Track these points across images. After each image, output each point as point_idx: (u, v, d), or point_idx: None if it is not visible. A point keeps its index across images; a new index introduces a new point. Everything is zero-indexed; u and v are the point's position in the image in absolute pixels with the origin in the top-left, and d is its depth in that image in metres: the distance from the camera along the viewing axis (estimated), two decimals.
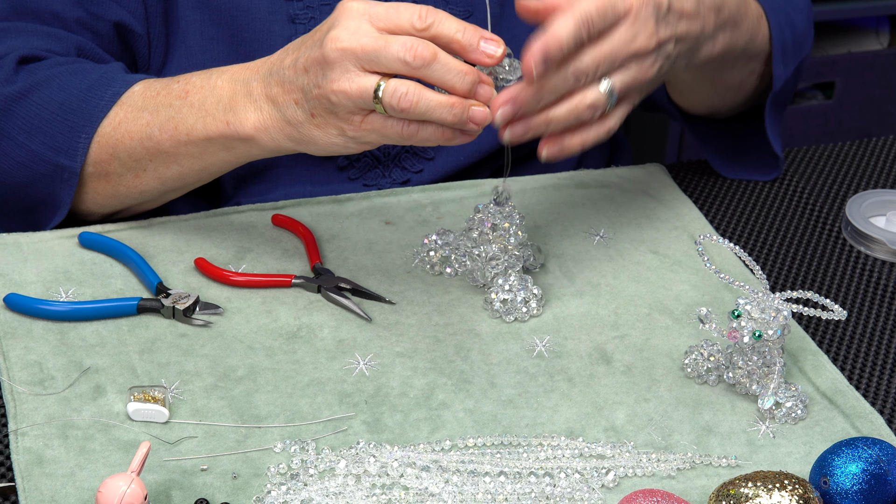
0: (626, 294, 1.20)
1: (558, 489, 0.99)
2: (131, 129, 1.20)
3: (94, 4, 1.27)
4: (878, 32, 2.64)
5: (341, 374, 1.10)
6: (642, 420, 1.06)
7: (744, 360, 1.07)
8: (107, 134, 1.21)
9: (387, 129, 1.06)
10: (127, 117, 1.20)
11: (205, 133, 1.16)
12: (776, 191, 1.39)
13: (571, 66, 1.05)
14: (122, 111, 1.20)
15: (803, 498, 0.94)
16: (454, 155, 1.37)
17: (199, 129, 1.16)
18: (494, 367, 1.11)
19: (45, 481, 0.98)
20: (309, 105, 1.08)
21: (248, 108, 1.13)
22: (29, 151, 1.22)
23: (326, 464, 1.00)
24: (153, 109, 1.19)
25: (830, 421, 1.07)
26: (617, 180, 1.37)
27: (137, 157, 1.21)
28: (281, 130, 1.12)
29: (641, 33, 1.08)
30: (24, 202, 1.25)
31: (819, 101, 2.60)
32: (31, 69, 1.24)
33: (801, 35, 1.36)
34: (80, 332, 1.12)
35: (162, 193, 1.24)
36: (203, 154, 1.18)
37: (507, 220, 1.16)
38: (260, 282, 1.19)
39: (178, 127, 1.17)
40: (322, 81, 1.06)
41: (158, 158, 1.20)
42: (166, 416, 1.04)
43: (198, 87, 1.17)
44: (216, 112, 1.15)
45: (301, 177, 1.35)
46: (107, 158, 1.22)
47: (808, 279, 1.26)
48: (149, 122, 1.19)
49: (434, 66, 1.03)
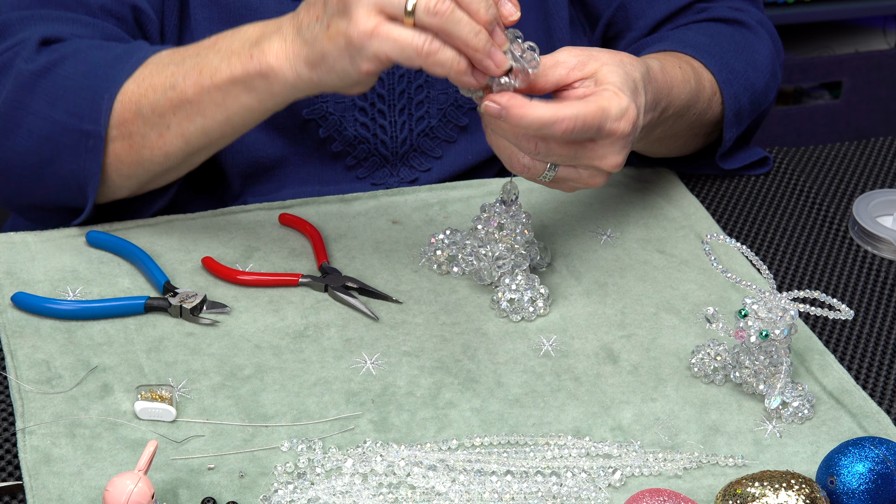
0: (632, 293, 1.20)
1: (565, 488, 0.99)
2: (155, 83, 1.18)
3: None
4: (886, 32, 2.64)
5: (348, 373, 1.10)
6: (649, 419, 1.06)
7: (751, 360, 1.07)
8: (130, 91, 1.19)
9: (406, 39, 1.03)
10: (151, 72, 1.18)
11: (229, 72, 1.14)
12: (783, 190, 1.39)
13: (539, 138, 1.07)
14: (146, 69, 1.19)
15: (810, 497, 0.94)
16: (462, 154, 1.38)
17: (224, 69, 1.14)
18: (501, 367, 1.11)
19: (52, 480, 0.98)
20: (327, 15, 1.06)
21: (273, 39, 1.11)
22: (53, 122, 1.20)
23: (333, 463, 1.01)
24: (179, 62, 1.18)
25: (837, 420, 1.07)
26: (624, 180, 1.37)
27: (161, 110, 1.18)
28: (299, 54, 1.09)
29: (611, 156, 1.09)
30: (54, 186, 1.23)
31: (826, 101, 2.59)
32: (54, 48, 1.22)
33: (760, 94, 1.38)
34: (87, 330, 1.12)
35: (187, 155, 1.21)
36: (226, 100, 1.15)
37: (513, 219, 1.16)
38: (267, 281, 1.19)
39: (202, 71, 1.15)
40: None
41: (182, 110, 1.18)
42: (173, 415, 1.04)
43: (227, 35, 1.16)
44: (242, 50, 1.13)
45: (309, 176, 1.36)
46: (130, 118, 1.19)
47: (814, 279, 1.26)
48: (173, 73, 1.17)
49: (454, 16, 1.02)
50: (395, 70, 1.33)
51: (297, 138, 1.34)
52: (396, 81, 1.34)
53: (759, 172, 1.41)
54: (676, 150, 1.37)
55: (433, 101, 1.35)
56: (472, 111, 1.36)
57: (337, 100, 1.32)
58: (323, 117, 1.33)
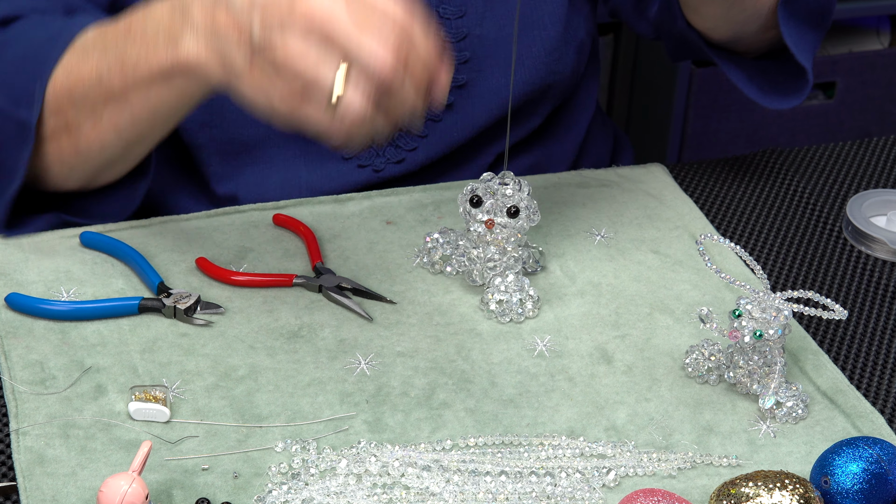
0: (626, 293, 1.20)
1: (559, 489, 0.99)
2: (83, 73, 1.14)
3: None
4: (879, 32, 2.64)
5: (342, 373, 1.10)
6: (643, 419, 1.06)
7: (744, 360, 1.08)
8: (60, 80, 1.15)
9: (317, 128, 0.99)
10: (78, 61, 1.15)
11: (148, 67, 1.09)
12: (777, 190, 1.40)
13: None
14: (73, 56, 1.15)
15: (804, 497, 0.94)
16: (448, 132, 1.37)
17: (143, 65, 1.09)
18: (495, 367, 1.11)
19: (46, 481, 0.98)
20: (251, 53, 0.99)
21: (185, 33, 1.05)
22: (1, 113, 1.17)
23: (327, 463, 1.01)
24: (102, 49, 1.14)
25: (831, 420, 1.07)
26: (618, 180, 1.37)
27: (92, 101, 1.15)
28: (215, 66, 1.03)
29: None
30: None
31: (820, 101, 2.60)
32: (8, 28, 1.20)
33: None
34: (81, 331, 1.12)
35: (123, 149, 1.18)
36: (149, 93, 1.11)
37: None
38: (261, 281, 1.19)
39: (124, 65, 1.11)
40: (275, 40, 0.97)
41: (111, 102, 1.14)
42: (167, 416, 1.04)
43: (139, 18, 1.10)
44: (156, 42, 1.08)
45: (294, 155, 1.35)
46: (65, 105, 1.16)
47: (808, 279, 1.26)
48: (97, 64, 1.13)
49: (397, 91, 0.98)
50: None
51: None
52: None
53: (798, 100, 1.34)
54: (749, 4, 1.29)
55: None
56: (458, 89, 1.35)
57: None
58: None
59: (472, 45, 1.35)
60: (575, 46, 1.40)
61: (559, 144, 1.46)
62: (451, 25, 1.34)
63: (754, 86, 1.35)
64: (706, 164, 1.44)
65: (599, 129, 1.53)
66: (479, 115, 1.37)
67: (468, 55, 1.35)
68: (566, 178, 1.36)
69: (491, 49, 1.35)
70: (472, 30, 1.34)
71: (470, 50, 1.35)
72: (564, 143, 1.46)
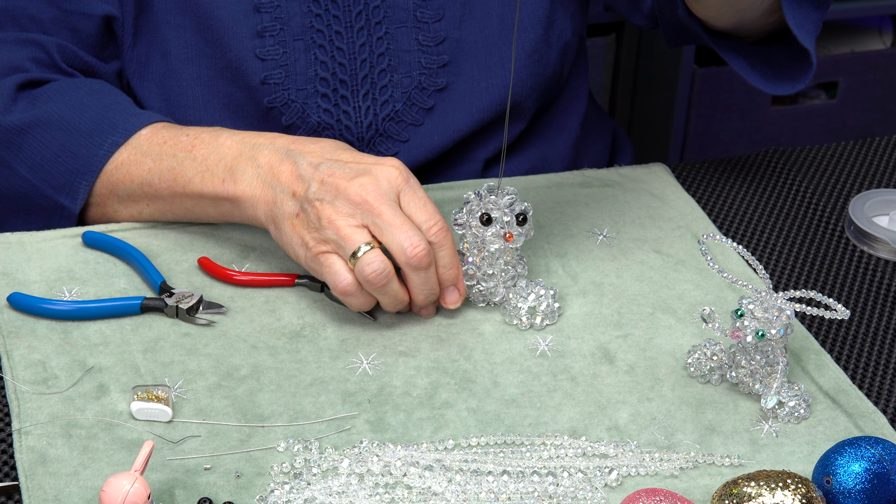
0: (629, 293, 1.20)
1: (561, 488, 0.99)
2: (132, 172, 1.23)
3: (66, 1, 1.29)
4: (882, 32, 2.64)
5: (344, 373, 1.10)
6: (645, 419, 1.06)
7: (747, 360, 1.07)
8: (108, 172, 1.24)
9: (334, 275, 1.11)
10: (130, 159, 1.23)
11: (200, 188, 1.19)
12: (779, 190, 1.40)
13: None
14: (126, 152, 1.23)
15: (806, 497, 0.94)
16: (430, 136, 1.37)
17: (196, 184, 1.19)
18: (497, 367, 1.11)
19: (48, 480, 0.98)
20: (301, 206, 1.13)
21: (247, 171, 1.17)
22: (31, 186, 1.25)
23: (330, 463, 1.01)
24: (157, 157, 1.22)
25: (833, 420, 1.07)
26: (620, 180, 1.37)
27: (135, 198, 1.24)
28: (264, 205, 1.15)
29: None
30: (22, 216, 1.29)
31: (822, 101, 2.59)
32: (32, 97, 1.26)
33: None
34: (83, 331, 1.12)
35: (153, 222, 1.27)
36: (195, 206, 1.22)
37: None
38: (263, 281, 1.19)
39: (177, 178, 1.21)
40: (327, 203, 1.11)
41: (154, 202, 1.24)
42: (170, 416, 1.04)
43: (205, 142, 1.21)
44: (216, 169, 1.19)
45: None
46: (106, 194, 1.25)
47: (811, 279, 1.26)
48: (150, 169, 1.22)
49: (420, 273, 1.11)
50: (356, 55, 1.33)
51: (260, 126, 1.34)
52: (359, 66, 1.34)
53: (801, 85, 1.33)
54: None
55: (397, 85, 1.35)
56: (438, 93, 1.35)
57: (299, 87, 1.32)
58: (285, 105, 1.33)
59: (451, 48, 1.35)
60: (558, 49, 1.40)
61: (552, 146, 1.46)
62: (429, 29, 1.34)
63: (756, 72, 1.34)
64: (708, 164, 1.44)
65: (595, 129, 1.53)
66: (461, 119, 1.37)
67: (447, 59, 1.35)
68: (568, 178, 1.36)
69: (470, 52, 1.36)
70: (451, 33, 1.35)
71: (448, 53, 1.35)
72: (557, 145, 1.46)
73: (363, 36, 1.33)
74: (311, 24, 1.31)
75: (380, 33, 1.33)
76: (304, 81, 1.32)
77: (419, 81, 1.35)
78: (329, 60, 1.32)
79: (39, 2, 1.29)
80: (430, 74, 1.35)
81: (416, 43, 1.34)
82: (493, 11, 1.36)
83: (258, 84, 1.31)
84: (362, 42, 1.33)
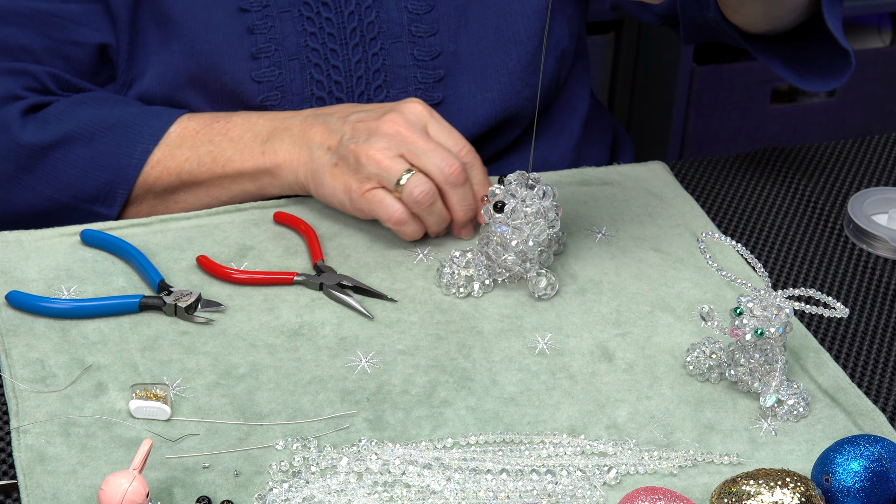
0: (628, 291, 1.20)
1: (560, 487, 0.99)
2: (169, 166, 1.27)
3: (57, 30, 1.30)
4: (881, 30, 2.64)
5: (343, 371, 1.10)
6: (644, 418, 1.06)
7: (746, 358, 1.07)
8: (145, 173, 1.28)
9: (386, 207, 1.19)
10: (165, 156, 1.27)
11: (241, 165, 1.26)
12: (778, 188, 1.39)
13: None
14: (159, 151, 1.27)
15: (805, 495, 0.94)
16: None
17: (237, 161, 1.26)
18: (496, 365, 1.11)
19: (46, 479, 0.98)
20: (338, 154, 1.21)
21: (283, 139, 1.25)
22: (60, 204, 1.28)
23: (328, 461, 1.01)
24: (192, 146, 1.27)
25: (832, 419, 1.07)
26: (619, 178, 1.37)
27: (172, 189, 1.28)
28: (303, 166, 1.23)
29: None
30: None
31: (821, 99, 2.59)
32: (41, 119, 1.28)
33: None
34: (81, 329, 1.12)
35: (161, 219, 1.28)
36: (232, 185, 1.27)
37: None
38: (262, 279, 1.19)
39: (216, 160, 1.26)
40: (362, 142, 1.19)
41: (191, 189, 1.27)
42: (168, 414, 1.04)
43: (238, 124, 1.28)
44: (254, 144, 1.26)
45: None
46: (142, 193, 1.29)
47: (810, 277, 1.26)
48: (188, 158, 1.27)
49: (458, 190, 1.20)
50: (352, 72, 1.33)
51: None
52: (355, 84, 1.34)
53: (841, 80, 1.33)
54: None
55: (392, 85, 1.35)
56: (435, 107, 1.34)
57: (295, 107, 1.32)
58: (280, 108, 1.33)
59: (447, 62, 1.35)
60: (554, 56, 1.40)
61: (553, 148, 1.46)
62: (424, 44, 1.34)
63: (790, 69, 1.36)
64: (707, 162, 1.44)
65: (597, 129, 1.53)
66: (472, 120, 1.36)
67: (443, 73, 1.35)
68: (567, 176, 1.36)
69: (466, 65, 1.35)
70: (446, 47, 1.34)
71: (444, 67, 1.35)
72: (558, 146, 1.46)
73: (358, 53, 1.33)
74: (306, 43, 1.31)
75: (375, 49, 1.33)
76: (300, 101, 1.32)
77: (415, 96, 1.35)
78: (325, 79, 1.32)
79: (31, 32, 1.29)
80: (426, 89, 1.35)
81: (411, 58, 1.34)
82: (488, 23, 1.36)
83: (256, 107, 1.31)
84: (357, 59, 1.33)
